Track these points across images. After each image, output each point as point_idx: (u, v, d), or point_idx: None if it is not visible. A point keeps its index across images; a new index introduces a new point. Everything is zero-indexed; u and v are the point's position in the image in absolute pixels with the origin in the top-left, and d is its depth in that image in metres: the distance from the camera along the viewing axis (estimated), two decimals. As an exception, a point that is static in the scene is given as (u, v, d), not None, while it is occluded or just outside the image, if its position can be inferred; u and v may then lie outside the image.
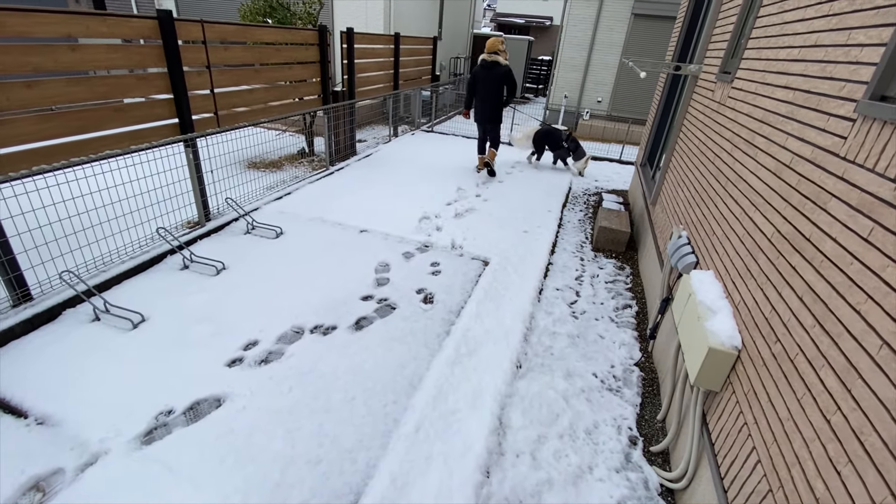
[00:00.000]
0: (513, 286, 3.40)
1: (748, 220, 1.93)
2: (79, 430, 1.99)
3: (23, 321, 2.48)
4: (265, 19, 5.47)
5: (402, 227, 4.20)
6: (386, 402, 2.29)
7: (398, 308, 3.05)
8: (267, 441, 2.01)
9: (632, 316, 3.26)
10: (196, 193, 3.70)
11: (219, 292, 3.00)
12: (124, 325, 2.60)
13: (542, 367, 2.65)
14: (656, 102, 5.13)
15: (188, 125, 3.62)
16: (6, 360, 2.32)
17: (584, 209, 5.31)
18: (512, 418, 2.28)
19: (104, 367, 2.32)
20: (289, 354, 2.53)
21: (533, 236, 4.27)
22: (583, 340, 2.93)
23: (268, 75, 4.61)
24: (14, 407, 2.09)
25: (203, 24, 3.65)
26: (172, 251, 3.33)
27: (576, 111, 10.18)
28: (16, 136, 2.56)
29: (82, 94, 2.88)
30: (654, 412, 2.45)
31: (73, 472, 1.84)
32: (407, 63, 7.89)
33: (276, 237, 3.81)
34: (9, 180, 2.44)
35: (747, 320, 1.72)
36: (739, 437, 1.58)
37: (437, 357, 2.62)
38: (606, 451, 2.17)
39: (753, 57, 2.39)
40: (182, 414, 2.12)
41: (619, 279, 3.74)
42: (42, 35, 2.61)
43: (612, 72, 9.73)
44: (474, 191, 5.37)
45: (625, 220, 4.39)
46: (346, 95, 5.97)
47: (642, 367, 2.77)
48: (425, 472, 1.94)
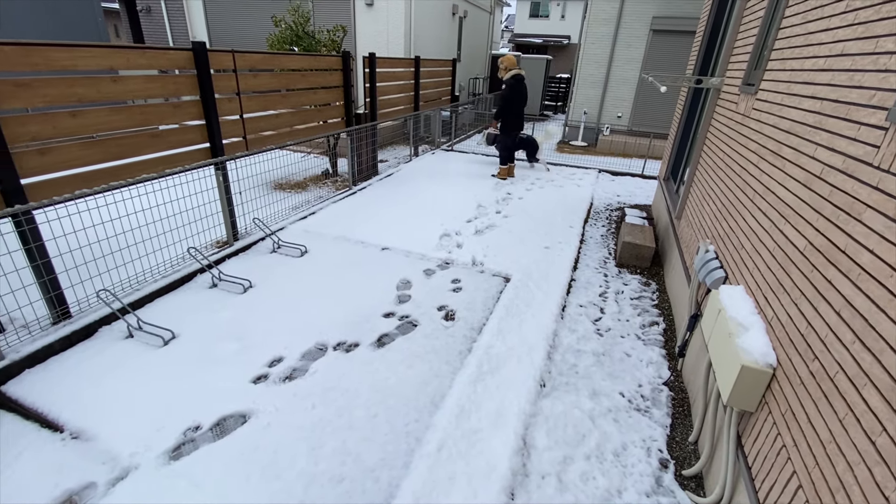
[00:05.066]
0: (535, 303, 3.36)
1: (778, 233, 1.88)
2: (111, 445, 2.04)
3: (62, 338, 2.59)
4: (291, 47, 5.72)
5: (422, 245, 4.23)
6: (408, 420, 2.28)
7: (420, 325, 3.05)
8: (291, 458, 2.01)
9: (659, 333, 3.17)
10: (225, 214, 3.83)
11: (245, 310, 3.07)
12: (156, 342, 2.68)
13: (567, 386, 2.59)
14: (678, 116, 5.08)
15: (219, 149, 3.78)
16: (45, 375, 2.42)
17: (606, 224, 5.24)
18: (536, 438, 2.23)
19: (136, 383, 2.39)
20: (312, 371, 2.55)
21: (555, 252, 4.24)
22: (608, 358, 2.87)
23: (294, 100, 4.79)
24: (51, 421, 2.17)
25: (234, 54, 3.84)
26: (202, 270, 3.44)
27: (595, 127, 10.16)
28: (61, 162, 2.72)
29: (122, 122, 3.05)
30: (686, 433, 2.35)
31: (105, 486, 1.89)
32: (427, 85, 8.07)
33: (300, 256, 3.90)
34: (53, 204, 2.58)
35: (782, 337, 1.65)
36: (778, 461, 1.50)
37: (459, 375, 2.60)
38: (636, 473, 2.09)
39: (777, 68, 2.36)
40: (209, 430, 2.15)
41: (644, 295, 3.65)
42: (86, 68, 2.79)
43: (631, 87, 9.71)
44: (494, 207, 5.38)
45: (649, 234, 4.32)
46: (369, 117, 6.13)
47: (671, 386, 2.68)
48: (448, 493, 1.90)
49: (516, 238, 4.51)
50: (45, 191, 2.64)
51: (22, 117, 2.53)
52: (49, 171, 2.66)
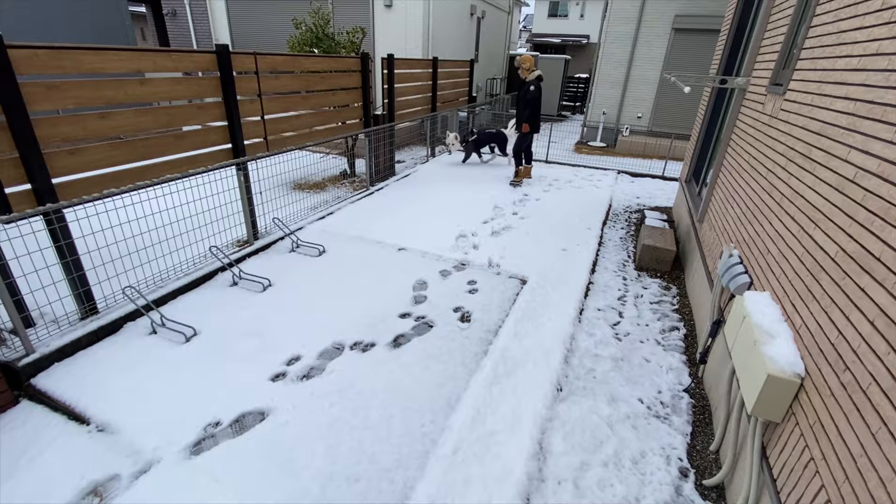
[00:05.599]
0: (552, 305, 3.33)
1: (808, 238, 1.82)
2: (134, 438, 2.09)
3: (89, 333, 2.67)
4: (312, 49, 5.78)
5: (439, 246, 4.23)
6: (423, 422, 2.28)
7: (435, 326, 3.05)
8: (308, 456, 2.03)
9: (679, 339, 3.10)
10: (246, 214, 3.89)
11: (264, 308, 3.12)
12: (178, 339, 2.74)
13: (584, 391, 2.56)
14: (700, 117, 4.97)
15: (240, 150, 3.85)
16: (73, 369, 2.49)
17: (625, 227, 5.16)
18: (553, 443, 2.20)
19: (159, 378, 2.45)
20: (329, 370, 2.57)
21: (572, 254, 4.19)
22: (627, 364, 2.82)
23: (313, 101, 4.85)
24: (78, 414, 2.23)
25: (256, 56, 3.90)
26: (223, 268, 3.51)
27: (615, 127, 10.02)
28: (90, 162, 2.80)
29: (148, 123, 3.13)
30: (707, 442, 2.30)
31: (129, 478, 1.94)
32: (444, 85, 8.08)
33: (318, 255, 3.94)
34: (82, 203, 2.66)
35: (810, 346, 1.60)
36: (805, 474, 1.45)
37: (474, 377, 2.59)
38: (655, 482, 2.05)
39: (807, 68, 2.28)
40: (229, 426, 2.19)
41: (664, 300, 3.58)
42: (114, 70, 2.87)
43: (652, 87, 9.54)
44: (511, 209, 5.35)
45: (670, 237, 4.23)
46: (386, 118, 6.17)
47: (692, 393, 2.62)
48: (464, 495, 1.90)
49: (533, 240, 4.47)
50: (74, 190, 2.72)
51: (53, 119, 2.62)
52: (78, 171, 2.75)
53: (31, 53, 2.44)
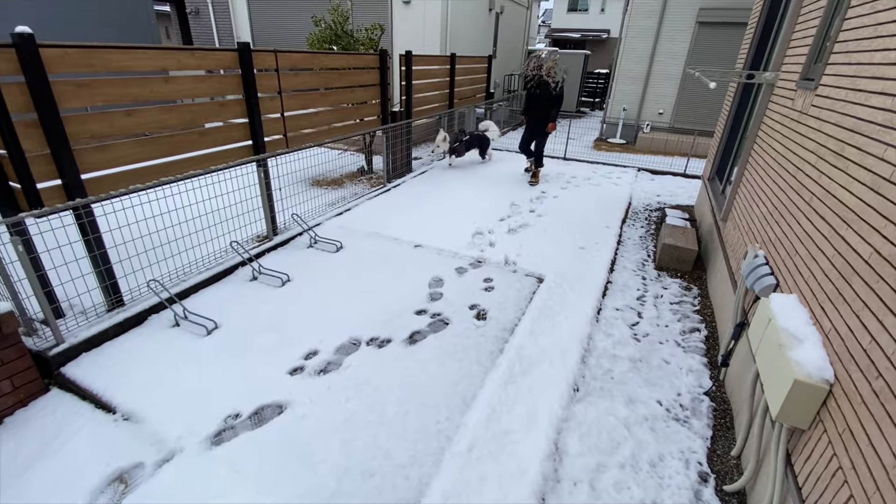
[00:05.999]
0: (569, 304, 3.29)
1: (839, 240, 1.75)
2: (158, 428, 2.15)
3: (115, 324, 2.75)
4: (331, 46, 5.82)
5: (455, 243, 4.22)
6: (439, 419, 2.28)
7: (451, 323, 3.05)
8: (325, 450, 2.06)
9: (700, 340, 3.04)
10: (266, 209, 3.95)
11: (283, 303, 3.16)
12: (200, 332, 2.80)
13: (602, 392, 2.53)
14: (725, 113, 4.84)
15: (260, 146, 3.90)
16: (100, 359, 2.57)
17: (645, 225, 5.07)
18: (569, 444, 2.18)
19: (181, 370, 2.51)
20: (346, 365, 2.60)
21: (590, 253, 4.14)
22: (646, 365, 2.77)
23: (332, 98, 4.88)
24: (105, 403, 2.31)
25: (276, 54, 3.94)
26: (243, 263, 3.57)
27: (635, 124, 9.83)
28: (116, 158, 2.87)
29: (172, 120, 3.20)
30: (728, 447, 2.25)
31: (152, 467, 1.99)
32: (462, 82, 8.04)
33: (336, 251, 3.97)
34: (109, 198, 2.74)
35: (840, 351, 1.55)
36: (833, 483, 1.41)
37: (490, 375, 2.58)
38: (673, 486, 2.02)
39: (841, 62, 2.20)
40: (248, 418, 2.23)
41: (685, 300, 3.51)
42: (140, 69, 2.93)
43: (674, 83, 9.32)
44: (528, 206, 5.31)
45: (691, 237, 4.14)
46: (404, 115, 6.17)
47: (713, 396, 2.57)
48: (479, 494, 1.90)
49: (550, 238, 4.43)
50: (101, 186, 2.80)
51: (82, 116, 2.69)
52: (106, 167, 2.82)
53: (62, 52, 2.51)
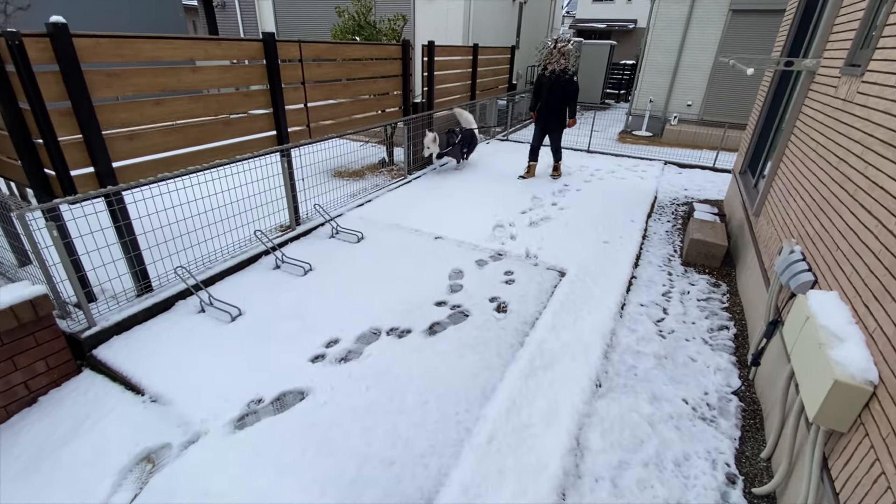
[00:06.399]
0: (592, 299, 3.23)
1: (886, 234, 1.65)
2: (184, 410, 2.20)
3: (144, 309, 2.83)
4: (353, 37, 5.82)
5: (475, 235, 4.19)
6: (458, 410, 2.27)
7: (471, 315, 3.03)
8: (344, 437, 2.07)
9: (729, 338, 2.94)
10: (289, 199, 3.99)
11: (305, 291, 3.20)
12: (224, 318, 2.85)
13: (625, 388, 2.47)
14: (759, 104, 4.64)
15: (284, 137, 3.93)
16: (130, 342, 2.65)
17: (671, 220, 4.93)
18: (590, 439, 2.14)
19: (207, 354, 2.56)
20: (366, 354, 2.61)
21: (614, 247, 4.05)
22: (671, 362, 2.70)
23: (354, 89, 4.88)
24: (134, 384, 2.37)
25: (300, 44, 3.95)
26: (266, 252, 3.62)
27: (662, 116, 9.57)
28: (146, 147, 2.93)
29: (199, 110, 3.24)
30: (757, 449, 2.17)
31: (178, 448, 2.04)
32: (484, 73, 7.94)
33: (357, 241, 3.99)
34: (139, 186, 2.80)
35: (886, 351, 1.46)
36: (875, 490, 1.33)
37: (510, 368, 2.55)
38: (699, 486, 1.96)
39: (891, 46, 2.06)
40: (270, 403, 2.26)
41: (713, 297, 3.40)
42: (169, 59, 2.98)
43: (704, 74, 9.01)
44: (550, 199, 5.22)
45: (721, 232, 4.00)
46: (425, 106, 6.14)
47: (742, 396, 2.48)
48: (498, 487, 1.88)
49: (573, 231, 4.35)
50: (131, 174, 2.86)
51: (114, 105, 2.75)
52: (136, 155, 2.88)
53: (94, 42, 2.57)
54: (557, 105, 5.67)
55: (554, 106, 5.67)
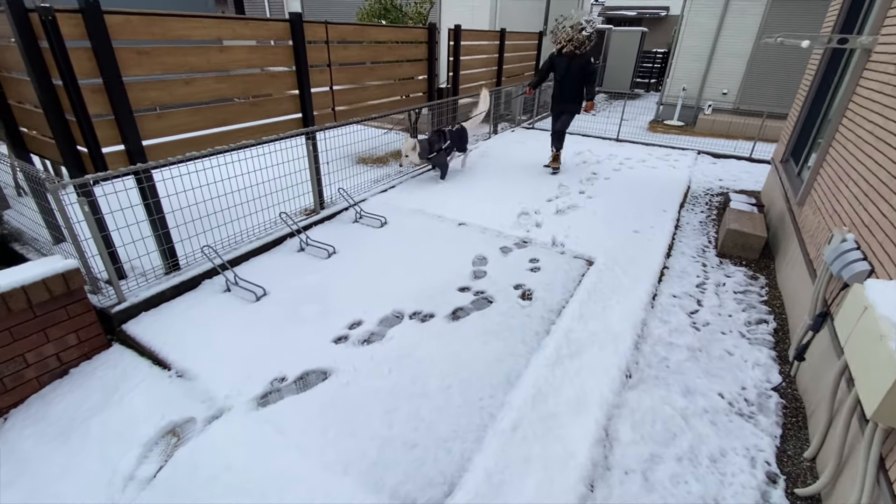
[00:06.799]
0: (621, 289, 3.11)
1: (961, 218, 1.50)
2: (209, 386, 2.21)
3: (172, 287, 2.86)
4: (380, 20, 5.75)
5: (499, 222, 4.10)
6: (482, 396, 2.21)
7: (495, 302, 2.96)
8: (366, 418, 2.05)
9: (768, 333, 2.79)
10: (313, 183, 3.98)
11: (329, 274, 3.18)
12: (249, 297, 2.86)
13: (657, 380, 2.37)
14: (804, 89, 4.38)
15: (310, 119, 3.91)
16: (158, 318, 2.68)
17: (705, 210, 4.73)
18: (620, 431, 2.05)
19: (231, 332, 2.57)
20: (389, 337, 2.57)
21: (645, 237, 3.90)
22: (706, 355, 2.57)
23: (380, 73, 4.82)
24: (161, 359, 2.40)
25: (327, 25, 3.91)
26: (291, 234, 3.63)
27: (695, 105, 9.19)
28: (174, 126, 2.95)
29: (226, 90, 3.25)
30: (800, 447, 2.04)
31: (202, 423, 2.05)
32: (511, 59, 7.77)
33: (380, 226, 3.96)
34: (168, 164, 2.82)
35: (960, 345, 1.33)
36: (944, 494, 1.21)
37: (535, 355, 2.48)
38: (737, 484, 1.85)
39: (970, 14, 1.87)
40: (293, 382, 2.26)
41: (751, 290, 3.23)
42: (198, 38, 2.98)
43: (741, 60, 8.60)
44: (577, 187, 5.07)
45: (759, 222, 3.80)
46: (451, 92, 6.04)
47: (783, 393, 2.34)
48: (523, 475, 1.82)
49: (601, 220, 4.21)
50: (160, 152, 2.88)
51: (144, 83, 2.77)
52: (164, 134, 2.90)
53: (125, 19, 2.58)
54: (574, 88, 5.20)
55: (569, 88, 5.21)
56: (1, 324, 2.07)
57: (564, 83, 5.22)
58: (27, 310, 2.14)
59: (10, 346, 2.12)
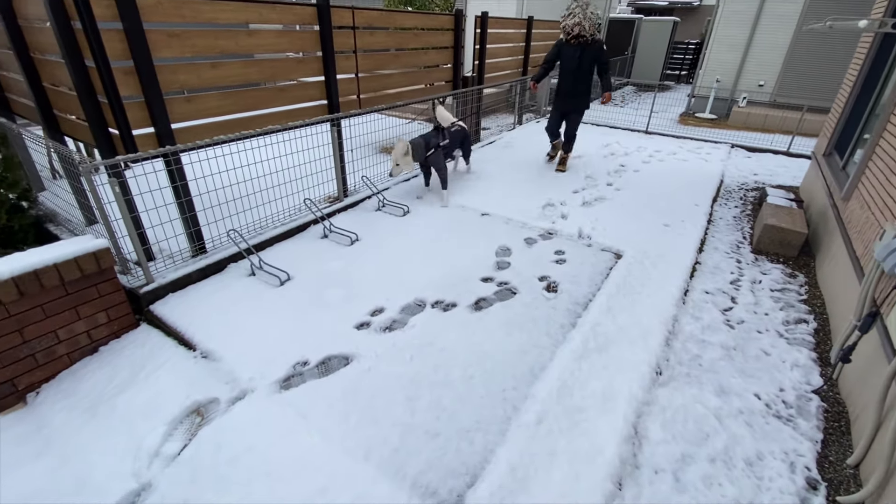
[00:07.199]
0: (651, 283, 3.00)
1: None
2: (233, 368, 2.22)
3: (198, 269, 2.89)
4: (406, 6, 5.68)
5: (524, 213, 4.02)
6: (505, 387, 2.16)
7: (519, 293, 2.90)
8: (388, 405, 2.02)
9: (808, 333, 2.65)
10: (337, 170, 3.97)
11: (352, 261, 3.17)
12: (273, 282, 2.87)
13: (688, 378, 2.27)
14: (851, 78, 4.14)
15: (335, 106, 3.89)
16: (184, 300, 2.71)
17: (739, 205, 4.53)
18: (650, 429, 1.98)
19: (256, 316, 2.58)
20: (411, 325, 2.54)
21: (676, 231, 3.76)
22: (741, 354, 2.46)
23: (405, 60, 4.77)
24: (187, 340, 2.43)
25: (353, 11, 3.87)
26: (315, 221, 3.63)
27: (729, 97, 8.85)
28: (202, 110, 2.96)
29: (254, 75, 3.24)
30: (842, 454, 1.93)
31: (226, 403, 2.06)
32: (538, 48, 7.60)
33: (402, 215, 3.93)
34: (196, 148, 2.84)
35: None
36: None
37: (561, 348, 2.41)
38: (775, 489, 1.76)
39: None
40: (315, 367, 2.25)
41: (789, 288, 3.08)
42: (226, 21, 2.97)
43: (780, 51, 8.22)
44: (605, 179, 4.94)
45: (799, 218, 3.62)
46: (476, 81, 5.94)
47: (824, 396, 2.22)
48: (548, 469, 1.77)
49: (630, 213, 4.08)
50: (188, 136, 2.90)
51: (173, 66, 2.78)
52: (192, 117, 2.92)
53: (156, 1, 2.58)
54: (587, 80, 4.62)
55: (582, 81, 4.61)
56: (34, 300, 2.11)
57: (577, 75, 4.60)
58: (59, 287, 2.18)
59: (43, 323, 2.17)
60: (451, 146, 4.40)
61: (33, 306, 2.11)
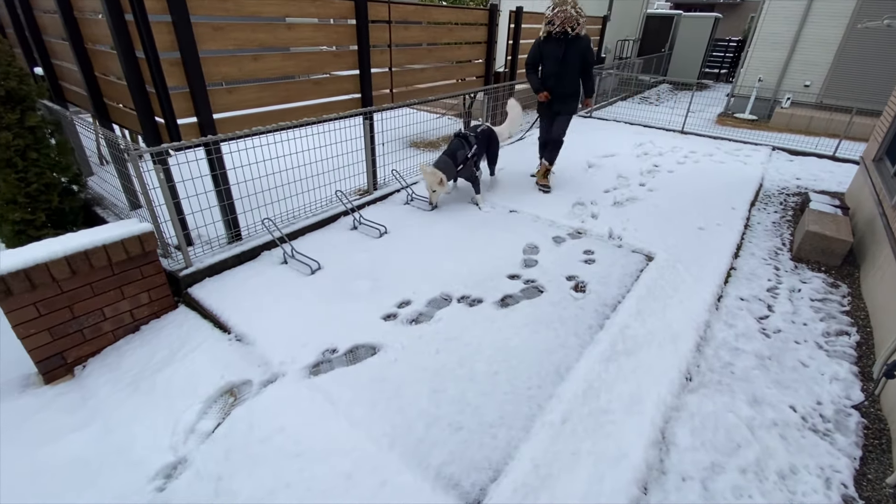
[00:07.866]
0: (683, 287, 2.93)
1: None
2: (265, 351, 2.30)
3: (234, 255, 2.99)
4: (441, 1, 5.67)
5: (552, 211, 3.97)
6: (530, 385, 2.16)
7: (546, 292, 2.88)
8: (414, 396, 2.05)
9: (850, 346, 2.54)
10: (368, 163, 4.02)
11: (380, 253, 3.21)
12: (304, 270, 2.94)
13: (720, 386, 2.22)
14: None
15: (368, 100, 3.93)
16: (220, 284, 2.81)
17: (779, 210, 4.36)
18: (678, 435, 1.94)
19: (287, 302, 2.66)
20: (437, 318, 2.56)
21: (711, 235, 3.65)
22: (776, 364, 2.38)
23: (438, 55, 4.77)
24: (222, 323, 2.52)
25: (389, 5, 3.90)
26: (345, 213, 3.69)
27: (771, 98, 8.49)
28: (242, 101, 3.05)
29: (292, 68, 3.31)
30: (882, 473, 1.85)
31: (258, 386, 2.14)
32: (572, 44, 7.46)
33: (430, 209, 3.95)
34: (236, 138, 2.92)
35: None
36: None
37: (588, 349, 2.39)
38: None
39: None
40: (343, 354, 2.30)
41: (831, 298, 2.95)
42: (266, 15, 3.05)
43: (829, 49, 7.81)
44: (637, 179, 4.83)
45: (844, 226, 3.46)
46: (508, 76, 5.89)
47: (864, 412, 2.13)
48: (571, 469, 1.76)
49: (662, 214, 3.99)
50: (228, 126, 2.99)
51: (216, 58, 2.87)
52: (233, 108, 3.01)
53: (203, -5, 2.67)
54: (575, 79, 4.12)
55: (570, 80, 4.11)
56: (84, 279, 2.23)
57: (563, 74, 4.07)
58: (107, 267, 2.30)
59: (91, 300, 2.29)
60: (478, 153, 4.15)
61: (83, 284, 2.24)
